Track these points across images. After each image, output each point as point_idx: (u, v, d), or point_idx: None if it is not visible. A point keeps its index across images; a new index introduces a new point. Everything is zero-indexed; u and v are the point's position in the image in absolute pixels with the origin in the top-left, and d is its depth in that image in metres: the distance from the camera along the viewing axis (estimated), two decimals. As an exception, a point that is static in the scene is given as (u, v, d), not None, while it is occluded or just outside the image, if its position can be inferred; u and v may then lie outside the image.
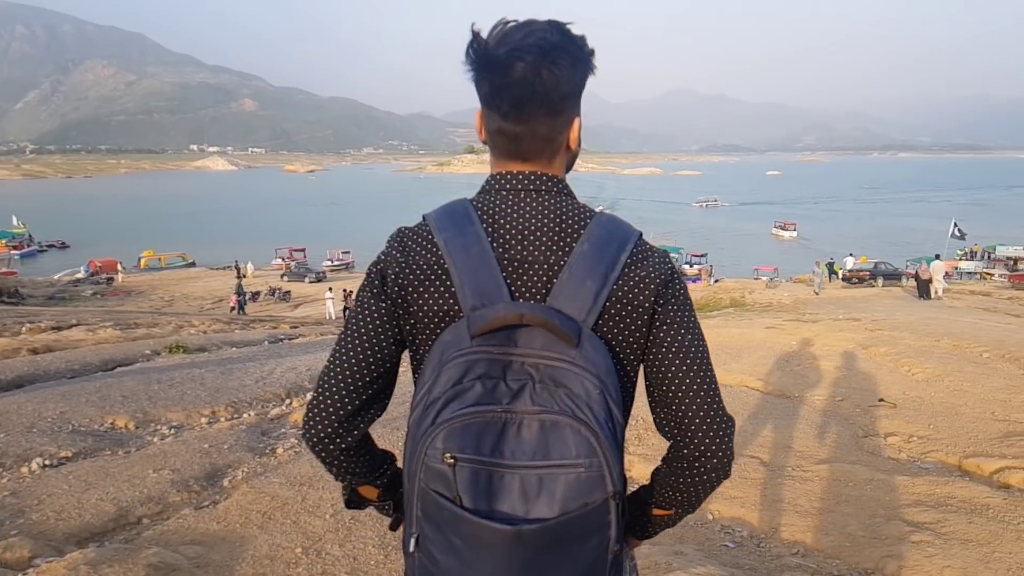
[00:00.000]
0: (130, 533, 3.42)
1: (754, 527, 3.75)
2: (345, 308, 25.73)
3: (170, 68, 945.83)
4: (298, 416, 5.73)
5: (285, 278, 40.31)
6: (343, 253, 49.46)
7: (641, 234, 1.13)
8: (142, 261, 46.42)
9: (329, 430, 1.10)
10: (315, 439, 1.11)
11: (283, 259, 48.51)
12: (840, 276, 33.68)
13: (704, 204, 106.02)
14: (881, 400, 6.28)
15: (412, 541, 0.95)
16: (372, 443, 1.20)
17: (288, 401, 6.43)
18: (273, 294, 34.15)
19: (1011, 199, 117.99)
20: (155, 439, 4.99)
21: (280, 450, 4.82)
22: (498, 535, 0.89)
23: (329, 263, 46.74)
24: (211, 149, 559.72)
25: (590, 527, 0.93)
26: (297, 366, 7.78)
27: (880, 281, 32.05)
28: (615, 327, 1.07)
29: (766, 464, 4.60)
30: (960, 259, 41.92)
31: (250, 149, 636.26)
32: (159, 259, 47.39)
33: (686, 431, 1.08)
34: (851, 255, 40.43)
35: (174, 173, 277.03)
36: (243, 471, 4.35)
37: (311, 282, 39.10)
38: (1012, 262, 40.99)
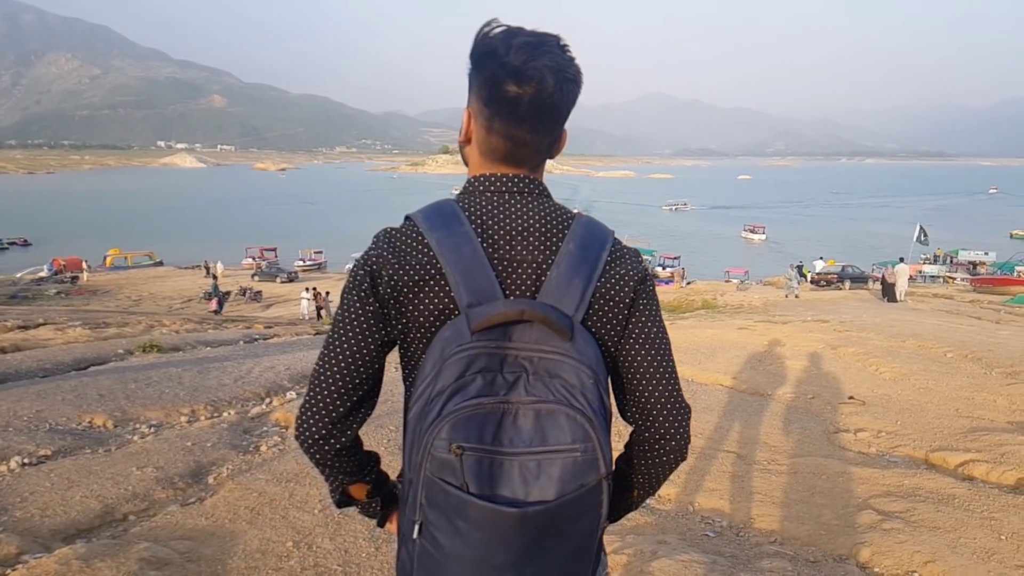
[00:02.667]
0: (117, 530, 3.43)
1: (733, 517, 3.86)
2: (318, 308, 25.53)
3: (136, 62, 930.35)
4: (279, 415, 5.74)
5: (256, 278, 39.85)
6: (315, 253, 49.06)
7: (614, 233, 1.21)
8: (108, 260, 45.48)
9: (324, 431, 1.14)
10: (309, 441, 1.15)
11: (254, 259, 47.92)
12: (809, 279, 34.25)
13: (674, 207, 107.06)
14: (851, 398, 6.46)
15: (416, 527, 1.01)
16: (361, 443, 1.24)
17: (268, 400, 6.41)
18: (244, 294, 33.72)
19: (973, 205, 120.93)
20: (135, 437, 4.97)
21: (264, 447, 4.83)
22: (505, 517, 0.96)
23: (301, 263, 46.33)
24: (179, 146, 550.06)
25: (585, 507, 1.01)
26: (275, 365, 7.76)
27: (847, 284, 32.68)
28: (599, 321, 1.14)
29: (742, 458, 4.73)
30: (924, 263, 42.84)
31: (219, 146, 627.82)
32: (125, 258, 46.50)
33: (648, 416, 1.17)
34: (820, 258, 41.16)
35: (140, 170, 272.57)
36: (228, 468, 4.36)
37: (283, 282, 38.71)
38: (973, 266, 42.08)
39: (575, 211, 1.23)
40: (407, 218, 1.18)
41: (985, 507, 3.84)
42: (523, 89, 1.09)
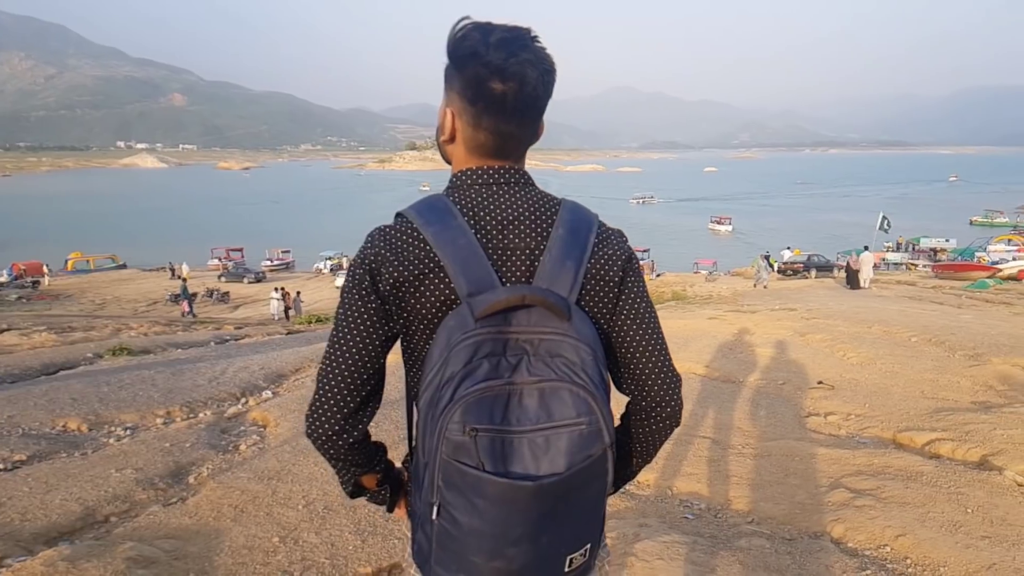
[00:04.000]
0: (100, 531, 3.41)
1: (711, 500, 3.95)
2: (287, 308, 25.29)
3: (93, 61, 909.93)
4: (256, 414, 5.72)
5: (223, 279, 39.37)
6: (283, 252, 48.59)
7: (598, 216, 1.27)
8: (69, 263, 44.52)
9: (337, 428, 1.18)
10: (322, 438, 1.20)
11: (220, 259, 47.34)
12: (775, 268, 34.78)
13: (641, 201, 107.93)
14: (820, 382, 6.61)
15: (434, 509, 1.06)
16: (369, 436, 1.29)
17: (244, 400, 6.38)
18: (211, 295, 33.33)
19: (933, 193, 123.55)
20: (111, 440, 4.93)
21: (243, 447, 4.82)
22: (521, 491, 1.01)
23: (269, 263, 45.86)
24: (139, 146, 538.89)
25: (593, 475, 1.08)
26: (249, 365, 7.71)
27: (813, 272, 33.32)
28: (591, 300, 1.21)
29: (717, 443, 4.83)
30: (887, 251, 43.74)
31: (181, 146, 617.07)
32: (87, 261, 45.58)
33: (643, 386, 1.24)
34: (788, 248, 41.82)
35: (100, 171, 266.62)
36: (208, 468, 4.35)
37: (250, 283, 38.31)
38: (934, 253, 43.09)
39: (559, 197, 1.28)
40: (399, 215, 1.21)
41: (951, 483, 3.98)
42: (507, 86, 1.14)
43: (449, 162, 1.29)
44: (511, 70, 1.13)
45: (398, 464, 1.43)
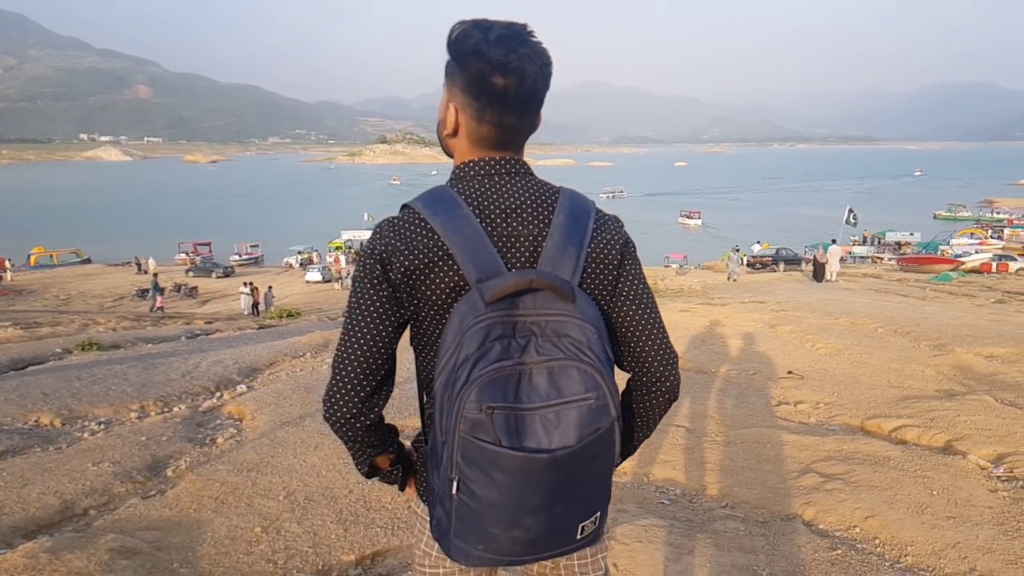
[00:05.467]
0: (79, 524, 3.39)
1: (685, 486, 4.05)
2: (255, 304, 25.01)
3: (55, 52, 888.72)
4: (232, 408, 5.69)
5: (190, 273, 38.82)
6: (251, 247, 48.05)
7: (595, 203, 1.34)
8: (32, 258, 43.51)
9: (354, 411, 1.24)
10: (341, 421, 1.25)
11: (187, 254, 46.71)
12: (744, 262, 35.19)
13: (611, 195, 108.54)
14: (789, 372, 6.76)
15: (454, 484, 1.12)
16: (383, 418, 1.35)
17: (218, 394, 6.33)
18: (179, 290, 32.82)
19: (899, 187, 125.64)
20: (85, 435, 4.88)
21: (220, 440, 4.80)
22: (537, 463, 1.08)
23: (237, 257, 45.33)
24: (103, 138, 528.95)
25: (602, 447, 1.15)
26: (223, 360, 7.65)
27: (782, 266, 33.82)
28: (592, 282, 1.27)
29: (691, 432, 4.93)
30: (854, 244, 44.48)
31: (146, 138, 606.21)
32: (51, 256, 44.57)
33: (643, 363, 1.31)
34: (758, 242, 42.32)
35: (63, 164, 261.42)
36: (186, 461, 4.33)
37: (219, 277, 37.87)
38: (898, 246, 43.92)
39: (558, 186, 1.34)
40: (406, 206, 1.27)
41: (918, 467, 4.11)
42: (509, 80, 1.20)
43: (451, 155, 1.35)
44: (512, 65, 1.19)
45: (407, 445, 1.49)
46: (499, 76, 1.20)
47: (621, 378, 1.27)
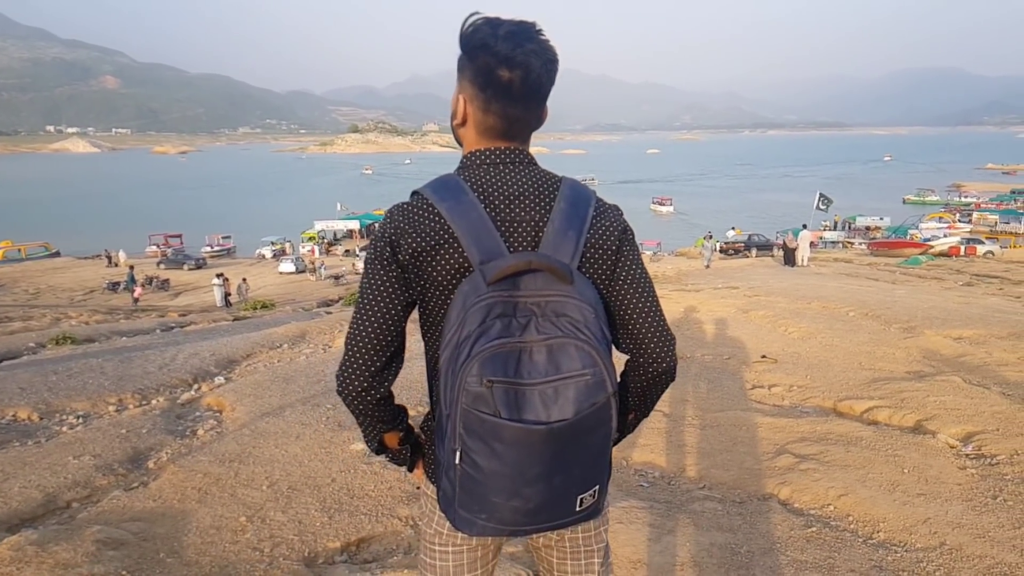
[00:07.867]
0: (63, 517, 3.38)
1: (664, 469, 4.13)
2: (226, 295, 24.76)
3: (19, 42, 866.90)
4: (211, 399, 5.67)
5: (162, 266, 38.23)
6: (223, 238, 47.49)
7: (596, 192, 1.41)
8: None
9: (365, 384, 1.31)
10: (352, 394, 1.32)
11: (158, 246, 45.99)
12: (717, 248, 35.52)
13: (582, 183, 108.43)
14: (763, 356, 6.88)
15: (457, 455, 1.18)
16: (393, 396, 1.42)
17: (196, 386, 6.30)
18: (151, 283, 32.34)
19: (868, 173, 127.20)
20: (64, 428, 4.84)
21: (201, 431, 4.80)
22: (535, 434, 1.14)
23: (209, 249, 44.76)
24: (70, 130, 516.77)
25: (598, 421, 1.21)
26: (199, 352, 7.60)
27: (754, 252, 34.22)
28: (591, 267, 1.34)
29: (668, 416, 5.01)
30: (825, 229, 45.10)
31: (114, 130, 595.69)
32: (18, 250, 43.64)
33: (641, 344, 1.37)
34: (732, 228, 42.71)
35: (30, 156, 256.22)
36: (167, 452, 4.33)
37: (191, 269, 37.34)
38: (867, 230, 44.60)
39: (560, 175, 1.41)
40: (415, 193, 1.34)
41: (889, 446, 4.24)
42: (514, 74, 1.27)
43: (461, 144, 1.41)
44: (517, 60, 1.26)
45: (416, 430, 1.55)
46: (505, 69, 1.26)
47: (620, 362, 1.32)
